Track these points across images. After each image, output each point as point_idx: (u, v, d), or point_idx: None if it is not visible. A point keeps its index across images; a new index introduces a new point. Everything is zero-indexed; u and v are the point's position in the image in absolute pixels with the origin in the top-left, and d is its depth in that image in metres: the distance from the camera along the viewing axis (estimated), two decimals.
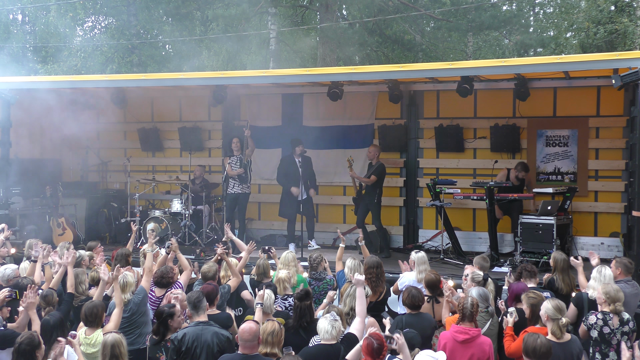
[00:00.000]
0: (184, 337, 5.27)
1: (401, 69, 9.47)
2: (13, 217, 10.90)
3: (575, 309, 6.26)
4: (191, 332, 5.32)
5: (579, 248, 10.18)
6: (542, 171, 10.62)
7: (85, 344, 5.53)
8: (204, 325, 5.38)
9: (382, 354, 4.64)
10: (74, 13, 22.96)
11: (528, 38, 19.08)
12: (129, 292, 6.18)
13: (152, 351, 5.48)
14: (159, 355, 5.44)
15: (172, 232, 10.95)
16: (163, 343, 5.44)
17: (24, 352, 4.70)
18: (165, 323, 5.46)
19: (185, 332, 5.33)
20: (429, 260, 9.58)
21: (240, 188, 10.84)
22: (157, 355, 5.44)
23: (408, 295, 5.93)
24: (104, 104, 11.60)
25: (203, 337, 5.26)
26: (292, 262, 7.18)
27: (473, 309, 5.35)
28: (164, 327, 5.46)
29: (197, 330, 5.32)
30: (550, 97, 10.55)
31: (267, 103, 12.12)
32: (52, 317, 5.44)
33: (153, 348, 5.47)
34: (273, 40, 19.98)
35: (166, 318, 5.46)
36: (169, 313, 5.48)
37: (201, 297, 5.56)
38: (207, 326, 5.38)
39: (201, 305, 5.52)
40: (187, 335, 5.28)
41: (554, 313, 5.19)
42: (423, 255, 7.09)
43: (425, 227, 11.18)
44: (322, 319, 5.14)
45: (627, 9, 21.81)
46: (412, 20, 19.73)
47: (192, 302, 5.53)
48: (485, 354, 5.25)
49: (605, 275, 6.13)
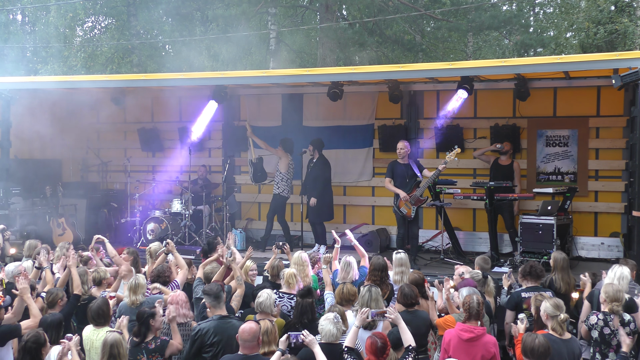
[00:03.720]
0: (209, 331, 5.35)
1: (401, 69, 9.46)
2: (13, 217, 10.89)
3: (590, 304, 6.24)
4: (215, 325, 5.40)
5: (579, 248, 10.19)
6: (542, 171, 10.62)
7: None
8: (225, 319, 5.46)
9: (386, 353, 4.65)
10: (74, 13, 22.97)
11: (528, 38, 19.07)
12: (140, 294, 6.17)
13: (133, 353, 5.35)
14: (140, 357, 5.37)
15: (172, 232, 10.96)
16: (144, 345, 5.40)
17: (30, 349, 4.72)
18: (147, 324, 5.42)
19: (209, 326, 5.40)
20: (429, 260, 9.72)
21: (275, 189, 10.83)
22: (138, 357, 5.37)
23: (401, 293, 5.95)
24: (104, 104, 11.60)
25: (227, 331, 5.36)
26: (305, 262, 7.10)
27: (479, 307, 5.35)
28: (146, 327, 5.43)
29: (221, 324, 5.41)
30: (550, 97, 10.54)
31: (267, 103, 12.11)
32: (50, 316, 5.43)
33: (134, 350, 5.38)
34: (273, 40, 19.98)
35: (148, 318, 5.42)
36: (150, 313, 5.45)
37: (220, 290, 5.61)
38: (229, 319, 5.47)
39: (222, 297, 5.57)
40: (212, 329, 5.36)
41: (553, 311, 5.20)
42: (401, 257, 6.92)
43: (425, 227, 11.16)
44: (325, 320, 5.14)
45: (627, 9, 21.84)
46: (412, 20, 19.74)
47: (213, 294, 5.57)
48: (491, 352, 5.24)
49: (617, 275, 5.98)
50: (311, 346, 4.85)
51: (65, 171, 13.11)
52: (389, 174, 9.58)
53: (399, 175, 9.48)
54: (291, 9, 21.62)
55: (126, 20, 22.26)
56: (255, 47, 21.06)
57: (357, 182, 11.66)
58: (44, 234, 10.74)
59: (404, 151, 9.48)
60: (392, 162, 9.67)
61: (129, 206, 11.83)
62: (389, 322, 5.69)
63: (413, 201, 9.24)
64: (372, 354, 4.67)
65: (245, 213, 12.46)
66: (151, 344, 5.39)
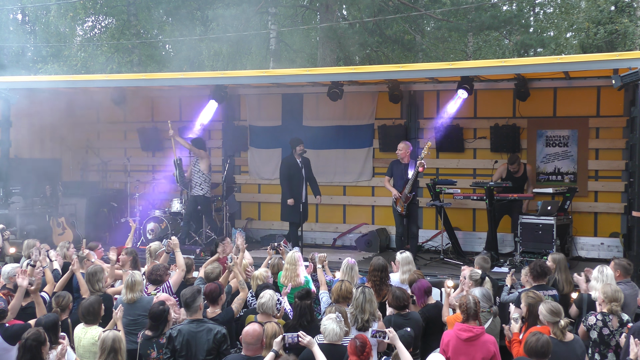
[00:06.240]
0: (178, 334, 5.33)
1: (401, 69, 9.45)
2: (13, 216, 10.89)
3: (577, 310, 6.27)
4: (185, 329, 5.37)
5: (578, 248, 10.19)
6: (542, 171, 10.62)
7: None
8: (198, 322, 5.42)
9: (366, 351, 4.71)
10: (74, 13, 22.96)
11: (528, 38, 19.07)
12: (137, 291, 6.17)
13: (144, 347, 5.49)
14: (150, 351, 5.47)
15: (172, 232, 10.96)
16: (155, 339, 5.47)
17: (30, 347, 4.72)
18: (165, 319, 5.49)
19: (179, 329, 5.38)
20: (429, 260, 9.72)
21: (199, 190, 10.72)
22: (149, 351, 5.48)
23: (392, 296, 5.94)
24: (104, 104, 11.60)
25: (197, 334, 5.32)
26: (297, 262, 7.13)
27: (476, 307, 5.35)
28: (164, 323, 5.49)
29: (191, 327, 5.37)
30: (550, 97, 10.54)
31: (267, 103, 12.11)
32: (45, 317, 5.44)
33: (145, 344, 5.49)
34: (273, 40, 19.98)
35: (165, 314, 5.49)
36: (167, 309, 5.52)
37: (194, 297, 5.48)
38: (201, 323, 5.41)
39: (193, 305, 5.47)
40: (181, 333, 5.33)
41: (551, 317, 5.20)
42: (407, 256, 7.04)
43: (425, 227, 11.16)
44: (328, 320, 5.13)
45: (627, 9, 21.85)
46: (412, 20, 19.73)
47: (185, 301, 5.51)
48: (490, 352, 5.24)
49: (607, 275, 6.12)
50: (310, 346, 4.86)
51: (65, 171, 13.11)
52: (388, 173, 9.77)
53: (397, 175, 9.60)
54: (291, 9, 21.61)
55: (126, 20, 22.24)
56: (255, 47, 21.06)
57: (357, 182, 11.66)
58: (44, 234, 10.76)
59: (402, 152, 9.59)
60: (392, 162, 9.78)
61: (129, 206, 11.83)
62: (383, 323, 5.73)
63: (403, 198, 9.42)
64: (353, 354, 4.73)
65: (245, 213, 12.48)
66: (162, 339, 5.45)
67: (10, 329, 5.37)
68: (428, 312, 6.20)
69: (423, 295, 6.31)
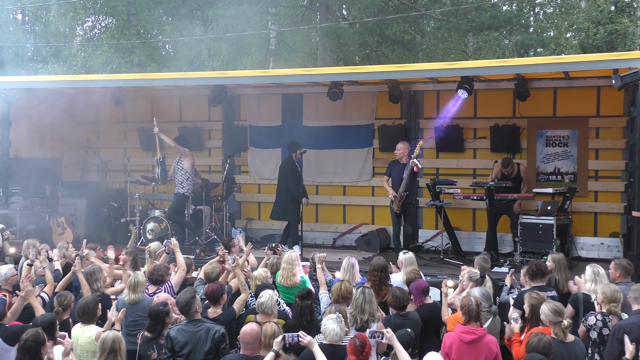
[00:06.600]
0: (177, 334, 5.34)
1: (401, 69, 9.45)
2: (13, 216, 10.89)
3: (573, 310, 6.28)
4: (184, 329, 5.39)
5: (578, 248, 10.19)
6: (542, 171, 10.62)
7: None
8: (196, 322, 5.43)
9: (365, 351, 4.69)
10: (74, 13, 22.97)
11: (528, 38, 19.06)
12: (139, 292, 6.18)
13: (144, 348, 5.50)
14: (150, 352, 5.48)
15: (172, 232, 10.96)
16: (155, 340, 5.48)
17: (29, 348, 4.72)
18: (163, 321, 5.51)
19: (178, 329, 5.39)
20: (429, 260, 9.72)
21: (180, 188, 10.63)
22: (149, 352, 5.48)
23: (392, 296, 5.95)
24: (104, 103, 11.59)
25: (196, 334, 5.34)
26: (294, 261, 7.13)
27: (478, 309, 5.35)
28: (162, 325, 5.51)
29: (190, 327, 5.39)
30: (550, 97, 10.54)
31: (267, 103, 12.11)
32: (41, 317, 5.44)
33: (145, 345, 5.50)
34: (273, 40, 19.99)
35: (164, 316, 5.50)
36: (166, 312, 5.54)
37: (189, 304, 5.46)
38: (199, 323, 5.43)
39: (190, 312, 5.47)
40: (180, 333, 5.35)
41: (553, 317, 5.20)
42: (410, 256, 7.04)
43: (425, 227, 11.18)
44: (329, 320, 5.12)
45: (627, 10, 21.85)
46: (412, 20, 19.72)
47: (180, 310, 5.52)
48: (493, 352, 5.25)
49: (602, 275, 6.13)
50: (310, 346, 4.85)
51: (65, 171, 13.10)
52: (387, 173, 9.83)
53: (396, 174, 9.63)
54: (291, 9, 21.61)
55: (126, 19, 22.25)
56: (255, 47, 21.06)
57: (357, 182, 11.66)
58: (43, 234, 10.75)
59: (400, 152, 9.62)
60: (391, 162, 9.83)
61: (129, 206, 11.83)
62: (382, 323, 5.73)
63: (398, 197, 9.48)
64: (352, 354, 4.73)
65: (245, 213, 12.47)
66: (162, 339, 5.47)
67: (9, 330, 5.37)
68: (424, 312, 6.19)
69: (420, 294, 6.31)
